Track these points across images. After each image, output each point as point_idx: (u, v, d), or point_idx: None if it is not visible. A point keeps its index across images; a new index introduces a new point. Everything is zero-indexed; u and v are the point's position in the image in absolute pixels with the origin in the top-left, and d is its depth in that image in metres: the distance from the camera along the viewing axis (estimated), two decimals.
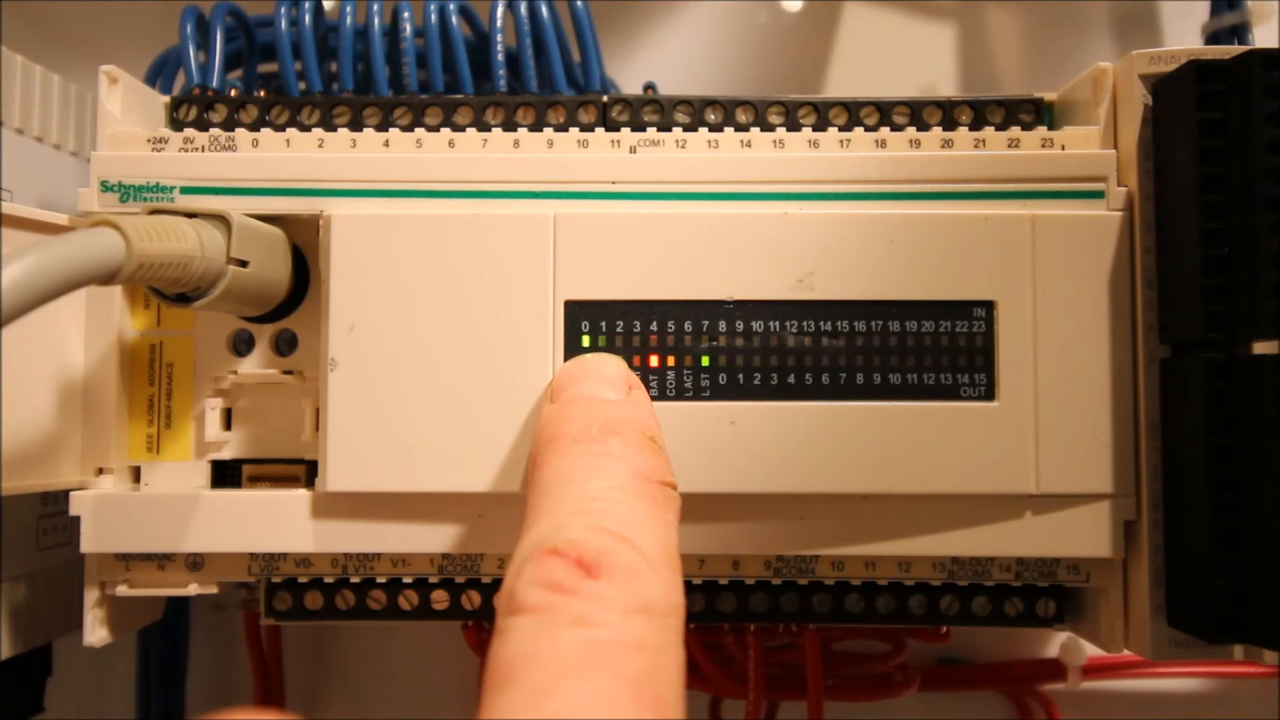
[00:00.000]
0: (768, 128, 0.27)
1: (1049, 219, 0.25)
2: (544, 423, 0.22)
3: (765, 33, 0.39)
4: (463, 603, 0.26)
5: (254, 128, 0.27)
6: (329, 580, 0.26)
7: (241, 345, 0.26)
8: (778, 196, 0.25)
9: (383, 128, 0.27)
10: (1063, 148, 0.26)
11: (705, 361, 0.25)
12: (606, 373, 0.23)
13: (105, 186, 0.25)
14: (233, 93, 0.31)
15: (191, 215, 0.22)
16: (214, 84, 0.30)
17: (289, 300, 0.26)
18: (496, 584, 0.26)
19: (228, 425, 0.26)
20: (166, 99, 0.27)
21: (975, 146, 0.26)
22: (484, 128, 0.27)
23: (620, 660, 0.16)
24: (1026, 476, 0.24)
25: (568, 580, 0.17)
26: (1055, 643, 0.35)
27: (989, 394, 0.24)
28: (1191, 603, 0.23)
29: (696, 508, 0.24)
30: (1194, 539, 0.23)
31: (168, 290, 0.22)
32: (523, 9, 0.31)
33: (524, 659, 0.16)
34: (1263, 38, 0.34)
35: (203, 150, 0.26)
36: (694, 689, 0.32)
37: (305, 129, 0.27)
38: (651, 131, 0.26)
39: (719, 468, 0.24)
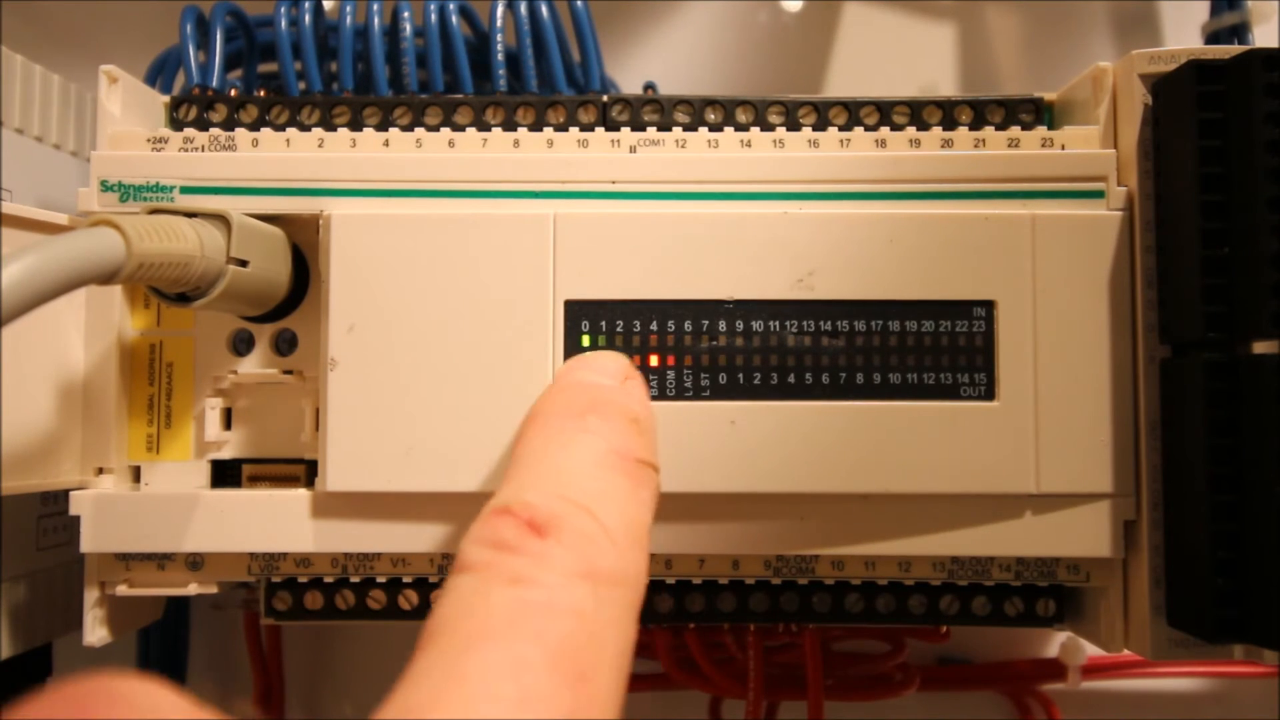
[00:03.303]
0: (768, 128, 0.26)
1: (1049, 219, 0.25)
2: (533, 405, 0.22)
3: (765, 33, 0.39)
4: None
5: (254, 128, 0.27)
6: (329, 580, 0.26)
7: (241, 345, 0.26)
8: (778, 196, 0.25)
9: (383, 127, 0.27)
10: (1063, 147, 0.26)
11: (705, 361, 0.25)
12: (604, 364, 0.23)
13: (105, 186, 0.25)
14: (233, 93, 0.31)
15: (191, 215, 0.22)
16: (214, 84, 0.30)
17: (289, 300, 0.26)
18: None
19: (228, 425, 0.26)
20: (166, 99, 0.27)
21: (975, 146, 0.26)
22: (484, 128, 0.27)
23: (547, 624, 0.15)
24: (1026, 476, 0.24)
25: (513, 538, 0.17)
26: (1055, 643, 0.35)
27: (989, 394, 0.24)
28: (1191, 603, 0.23)
29: (696, 508, 0.25)
30: (1194, 539, 0.23)
31: (168, 290, 0.22)
32: (523, 9, 0.31)
33: (454, 618, 0.16)
34: (1263, 38, 0.34)
35: (203, 150, 0.26)
36: (694, 689, 0.32)
37: (305, 129, 0.27)
38: (651, 131, 0.26)
39: (719, 467, 0.24)
